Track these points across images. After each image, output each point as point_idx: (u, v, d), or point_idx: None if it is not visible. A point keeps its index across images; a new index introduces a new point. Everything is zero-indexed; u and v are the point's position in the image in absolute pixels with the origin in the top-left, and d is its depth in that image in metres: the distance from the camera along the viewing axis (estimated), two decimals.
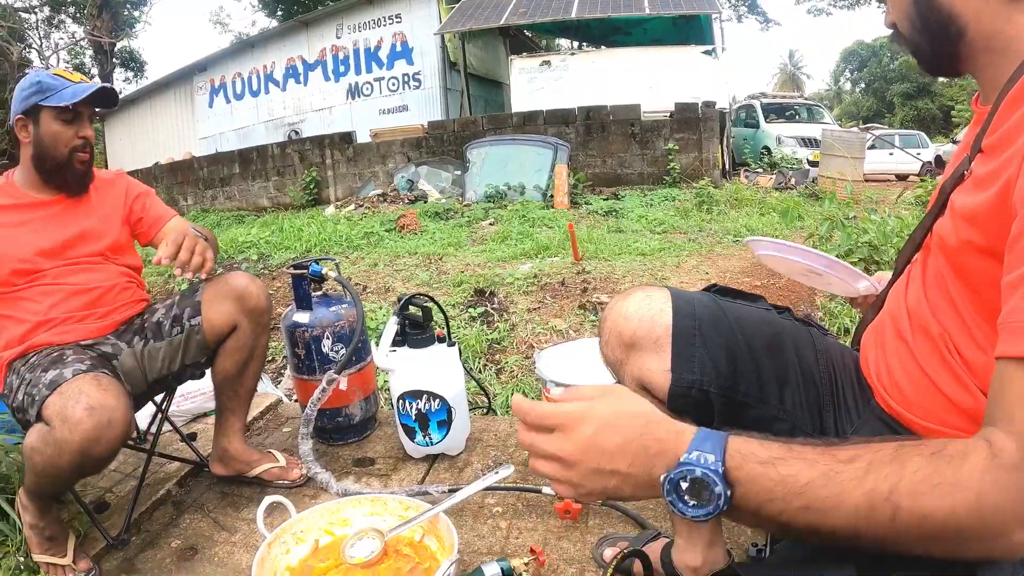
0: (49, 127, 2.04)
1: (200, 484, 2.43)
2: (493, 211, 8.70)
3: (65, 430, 1.63)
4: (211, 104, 18.05)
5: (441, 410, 2.21)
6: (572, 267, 5.49)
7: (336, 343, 2.41)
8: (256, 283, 2.18)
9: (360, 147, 12.14)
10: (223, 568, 1.92)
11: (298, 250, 7.50)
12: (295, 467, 2.32)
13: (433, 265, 6.14)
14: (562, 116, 10.78)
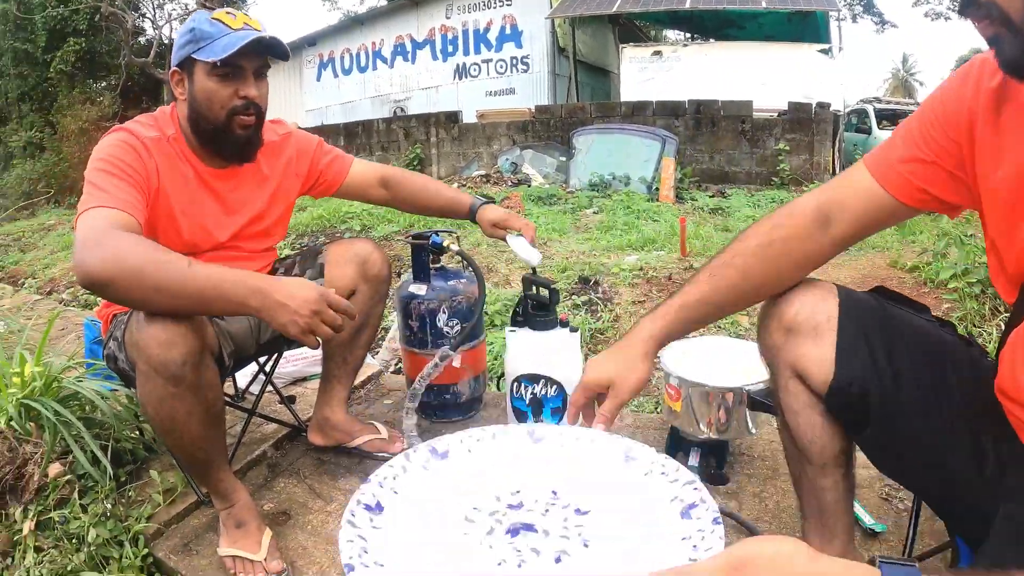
0: (203, 84, 1.75)
1: (296, 448, 2.44)
2: (597, 200, 8.59)
3: (141, 352, 1.54)
4: (319, 78, 18.40)
5: (557, 397, 2.16)
6: (679, 262, 5.37)
7: (452, 318, 2.39)
8: (380, 251, 2.16)
9: (466, 127, 12.19)
10: (316, 537, 1.92)
11: (400, 224, 7.55)
12: (397, 441, 2.30)
13: (538, 249, 6.01)
14: (672, 108, 10.58)
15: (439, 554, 0.94)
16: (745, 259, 1.28)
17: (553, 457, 1.13)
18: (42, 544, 1.88)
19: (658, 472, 1.03)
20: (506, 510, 1.02)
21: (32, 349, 2.46)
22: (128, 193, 1.61)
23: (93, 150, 1.70)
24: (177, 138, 1.84)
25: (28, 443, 2.13)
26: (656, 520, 0.95)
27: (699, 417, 1.97)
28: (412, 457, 1.10)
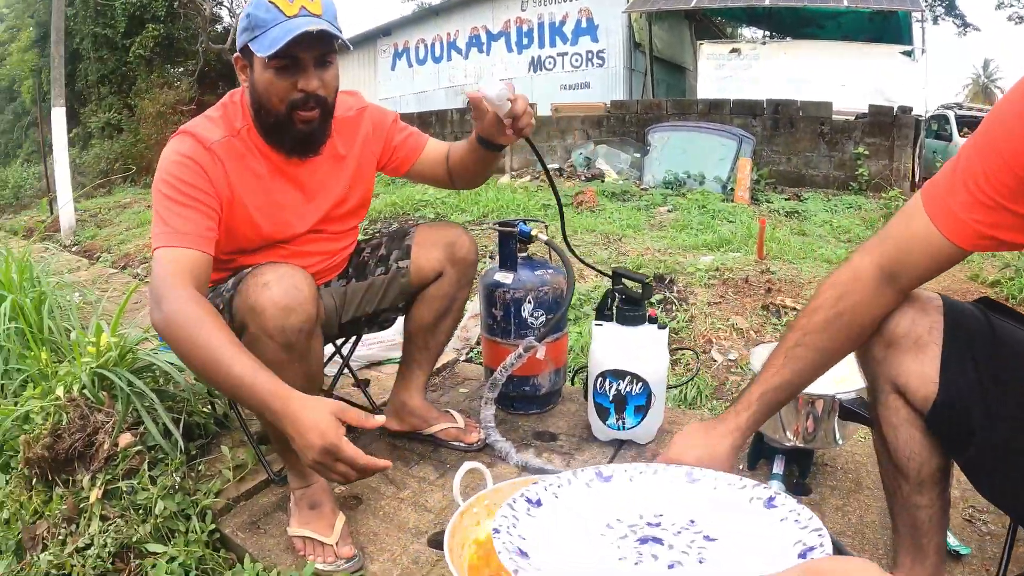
0: (261, 75, 1.64)
1: (369, 432, 2.39)
2: (671, 198, 8.45)
3: (257, 316, 1.52)
4: (393, 67, 18.55)
5: (642, 395, 2.08)
6: (755, 265, 5.22)
7: (537, 309, 2.31)
8: (469, 235, 2.11)
9: (540, 120, 12.05)
10: (387, 524, 1.87)
11: (475, 213, 7.56)
12: (473, 430, 2.25)
13: (612, 245, 6.01)
14: (749, 107, 10.34)
15: (574, 544, 1.05)
16: (816, 336, 1.24)
17: (704, 496, 1.17)
18: (108, 513, 1.87)
19: (792, 520, 1.04)
20: (644, 525, 1.10)
21: (108, 320, 2.47)
22: (193, 223, 1.59)
23: (160, 157, 1.67)
24: (248, 130, 1.76)
25: (100, 412, 2.13)
26: (773, 558, 0.97)
27: (786, 424, 1.87)
28: (579, 474, 1.20)
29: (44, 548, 1.81)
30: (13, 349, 2.82)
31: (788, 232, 6.90)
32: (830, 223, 7.48)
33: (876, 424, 1.34)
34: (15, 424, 2.20)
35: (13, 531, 1.92)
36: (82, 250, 8.64)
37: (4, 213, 16.79)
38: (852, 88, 11.08)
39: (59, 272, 4.77)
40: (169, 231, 1.56)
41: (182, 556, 1.77)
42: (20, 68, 24.91)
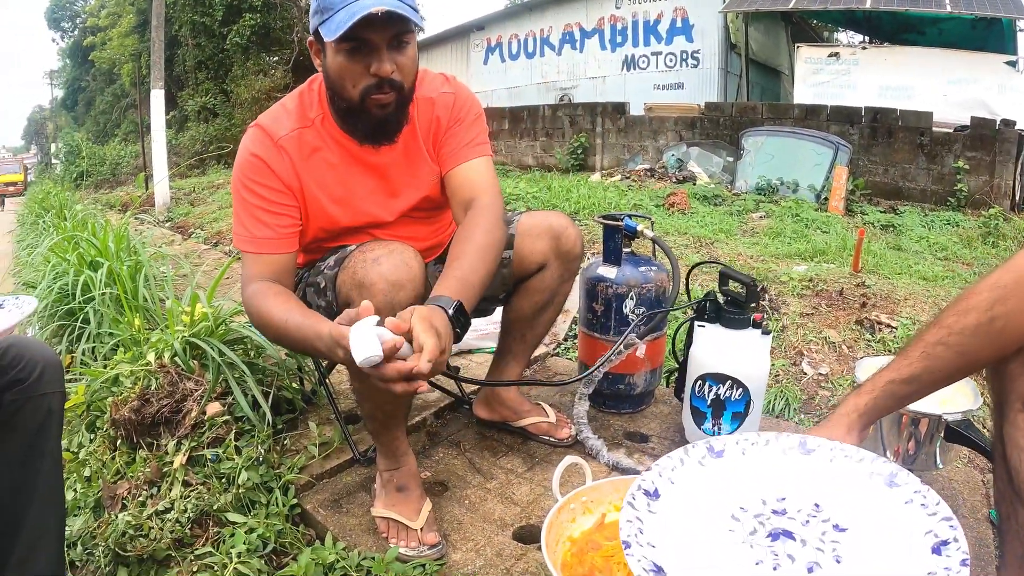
0: (332, 59, 1.55)
1: (457, 420, 2.38)
2: (764, 204, 8.24)
3: (365, 291, 1.48)
4: (486, 62, 18.57)
5: (741, 401, 1.98)
6: (850, 278, 5.03)
7: (639, 305, 2.24)
8: (575, 227, 2.03)
9: (632, 119, 11.93)
10: (472, 513, 1.83)
11: (566, 209, 7.48)
12: (565, 426, 2.19)
13: (704, 248, 5.89)
14: (847, 114, 9.98)
15: (704, 545, 1.01)
16: (963, 338, 1.16)
17: (820, 470, 1.14)
18: (190, 479, 1.88)
19: (919, 503, 1.02)
20: (770, 514, 1.06)
21: (201, 293, 2.50)
22: (268, 227, 1.65)
23: (237, 154, 1.70)
24: (323, 118, 1.71)
25: (189, 380, 2.15)
26: (908, 551, 0.95)
27: (887, 444, 1.77)
28: (690, 452, 1.17)
29: (123, 508, 1.82)
30: (107, 314, 2.89)
31: (884, 246, 6.66)
32: (927, 239, 7.18)
33: (997, 443, 1.23)
34: (104, 386, 2.23)
35: (94, 488, 1.94)
36: (175, 226, 8.91)
37: (101, 188, 17.51)
38: (953, 99, 10.61)
39: (154, 245, 4.89)
40: (248, 236, 1.65)
41: (261, 528, 1.76)
42: (120, 52, 25.98)
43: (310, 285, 1.79)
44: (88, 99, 34.53)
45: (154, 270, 3.41)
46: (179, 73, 21.84)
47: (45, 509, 1.41)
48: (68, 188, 14.68)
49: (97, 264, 3.23)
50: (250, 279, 1.61)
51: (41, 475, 1.40)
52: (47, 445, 1.41)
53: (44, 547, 1.40)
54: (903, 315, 4.01)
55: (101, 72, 30.59)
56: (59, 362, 1.44)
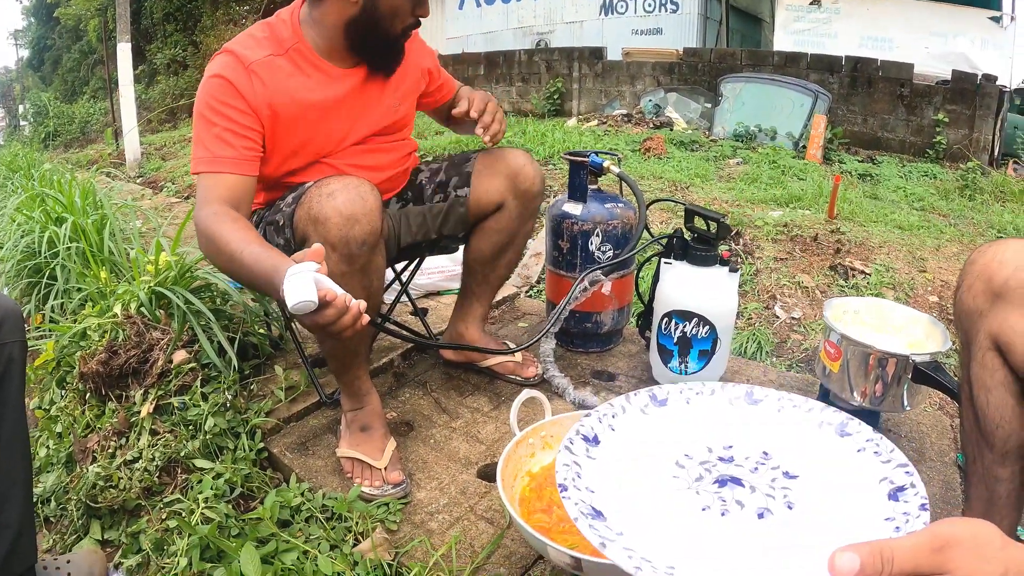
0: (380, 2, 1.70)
1: (424, 361, 2.38)
2: (741, 151, 8.20)
3: (320, 226, 1.48)
4: (461, 6, 18.25)
5: (708, 339, 1.98)
6: (825, 224, 5.04)
7: (605, 243, 2.23)
8: (534, 165, 2.00)
9: (609, 64, 11.80)
10: (437, 452, 1.84)
11: (541, 154, 7.43)
12: (531, 365, 2.19)
13: (679, 193, 5.88)
14: (827, 63, 9.91)
15: (647, 491, 0.97)
16: None
17: (768, 420, 1.11)
18: (158, 428, 1.88)
19: (872, 451, 0.99)
20: (716, 461, 1.03)
21: (166, 243, 2.47)
22: (231, 147, 1.63)
23: (200, 89, 1.69)
24: (298, 48, 1.75)
25: (156, 330, 2.13)
26: (863, 498, 0.93)
27: (854, 384, 1.78)
28: (632, 399, 1.14)
29: (93, 460, 1.82)
30: (73, 269, 2.85)
31: (860, 194, 6.67)
32: (904, 189, 7.20)
33: (965, 384, 1.24)
34: (72, 341, 2.21)
35: (65, 444, 1.94)
36: (146, 181, 8.79)
37: (71, 147, 17.23)
38: (935, 51, 10.56)
39: (123, 200, 4.82)
40: (208, 156, 1.62)
41: (228, 473, 1.76)
42: (86, 7, 25.32)
43: (269, 224, 1.78)
44: (55, 58, 33.77)
45: (121, 224, 3.36)
46: (147, 26, 21.37)
47: (11, 460, 1.39)
48: (37, 149, 14.45)
49: (63, 220, 3.18)
50: (207, 201, 1.57)
51: (4, 426, 1.37)
52: (9, 395, 1.38)
53: (12, 499, 1.38)
54: (877, 262, 4.03)
55: (67, 29, 29.88)
56: (19, 311, 1.41)
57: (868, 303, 2.02)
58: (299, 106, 1.73)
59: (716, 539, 0.87)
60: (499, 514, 1.59)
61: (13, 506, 1.38)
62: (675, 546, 0.85)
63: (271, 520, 1.58)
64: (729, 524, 0.90)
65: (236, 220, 1.52)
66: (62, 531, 1.75)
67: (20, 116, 30.96)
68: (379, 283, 1.66)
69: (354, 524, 1.57)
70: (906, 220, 5.65)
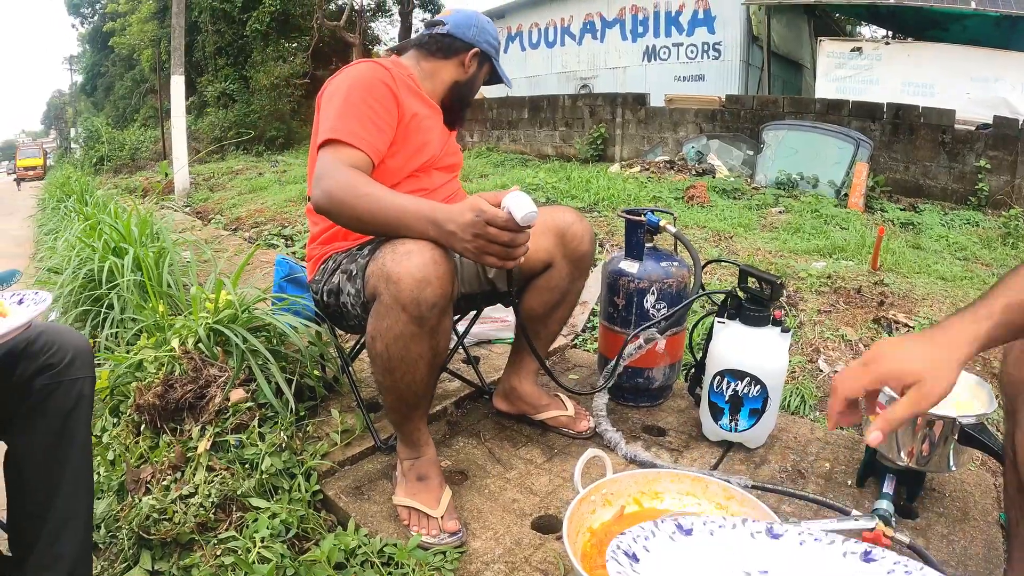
0: (481, 77, 2.20)
1: (477, 410, 2.40)
2: (783, 199, 8.20)
3: (392, 285, 1.51)
4: (506, 50, 18.50)
5: (759, 398, 1.99)
6: (868, 275, 5.01)
7: (660, 300, 2.25)
8: (583, 223, 2.01)
9: (652, 110, 11.88)
10: (492, 502, 1.84)
11: (585, 200, 7.46)
12: (583, 418, 2.20)
13: (723, 243, 5.88)
14: (869, 110, 9.88)
15: None
16: None
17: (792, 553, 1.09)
18: (214, 464, 1.90)
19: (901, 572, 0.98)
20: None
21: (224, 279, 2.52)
22: (370, 133, 1.79)
23: (342, 76, 1.88)
24: (415, 82, 2.07)
25: (213, 366, 2.17)
26: None
27: (901, 443, 1.77)
28: (660, 526, 1.12)
29: (147, 492, 1.84)
30: (131, 300, 2.91)
31: (903, 244, 6.61)
32: (946, 238, 7.11)
33: (1008, 449, 1.24)
34: (128, 371, 2.26)
35: (117, 472, 1.97)
36: (194, 211, 8.95)
37: (120, 172, 17.61)
38: (976, 96, 10.46)
39: (175, 230, 4.93)
40: (349, 130, 1.75)
41: (284, 513, 1.78)
42: (140, 38, 26.15)
43: (344, 272, 1.84)
44: (107, 84, 34.70)
45: (177, 256, 3.44)
46: (199, 59, 21.92)
47: (74, 493, 1.42)
48: (88, 173, 14.80)
49: (122, 251, 3.26)
50: (343, 162, 1.68)
51: (71, 459, 1.41)
52: (77, 429, 1.42)
53: (72, 530, 1.41)
54: (921, 315, 3.99)
55: (121, 58, 30.73)
56: (89, 348, 1.46)
57: None
58: (417, 121, 1.97)
59: None
60: (553, 566, 1.60)
61: (71, 538, 1.41)
62: None
63: (328, 563, 1.60)
64: None
65: (370, 179, 1.65)
66: (111, 559, 1.77)
67: (71, 139, 31.76)
68: (446, 343, 1.68)
69: (411, 571, 1.59)
70: (949, 271, 5.59)
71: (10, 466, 1.41)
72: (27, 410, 1.36)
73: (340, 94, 1.81)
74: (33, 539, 1.38)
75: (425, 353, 1.59)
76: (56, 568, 1.39)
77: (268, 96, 18.98)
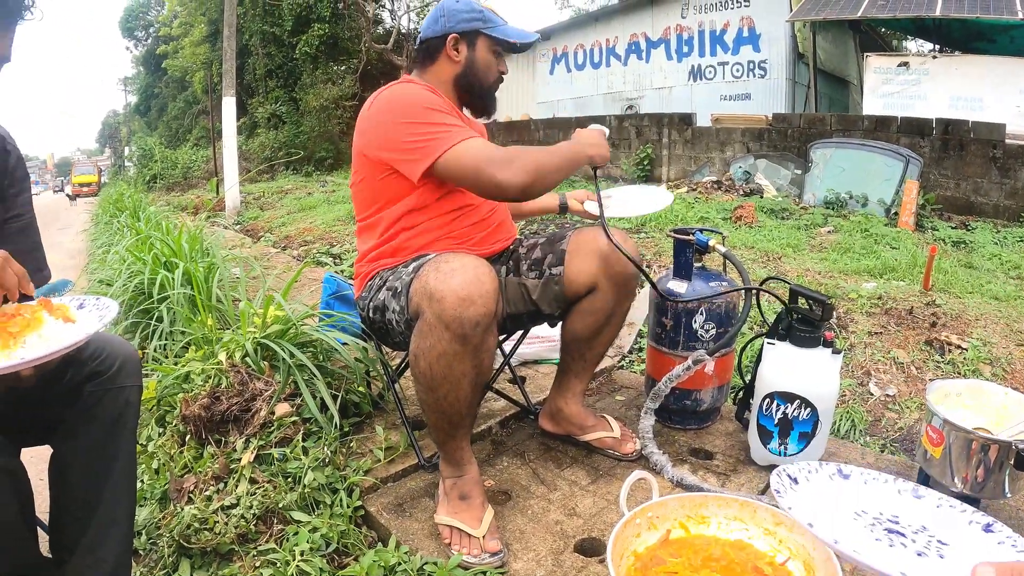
0: (483, 55, 2.09)
1: (522, 430, 2.38)
2: (832, 218, 8.06)
3: (435, 303, 1.53)
4: (552, 71, 18.55)
5: (808, 421, 1.95)
6: (920, 296, 4.89)
7: (708, 321, 2.21)
8: (628, 243, 2.01)
9: (699, 130, 11.79)
10: (535, 523, 1.82)
11: (633, 222, 7.40)
12: (629, 440, 2.18)
13: (772, 263, 5.78)
14: (918, 126, 9.67)
15: (833, 521, 1.24)
16: None
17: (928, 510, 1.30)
18: (257, 477, 1.92)
19: (1010, 544, 1.16)
20: (886, 520, 1.26)
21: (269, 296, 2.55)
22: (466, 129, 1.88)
23: (401, 96, 1.92)
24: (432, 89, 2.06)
25: (259, 380, 2.19)
26: None
27: (956, 470, 1.72)
28: (822, 468, 1.37)
29: (189, 501, 1.87)
30: (180, 313, 2.96)
31: (955, 263, 6.44)
32: (999, 256, 6.90)
33: None
34: (175, 382, 2.30)
35: (161, 481, 2.00)
36: (244, 229, 9.10)
37: (173, 190, 18.00)
38: None
39: (225, 247, 5.00)
40: (461, 131, 1.85)
41: (325, 528, 1.79)
42: (192, 61, 26.83)
43: (389, 289, 1.85)
44: (161, 105, 35.52)
45: (226, 271, 3.48)
46: (249, 81, 22.36)
47: (118, 498, 1.45)
48: (141, 190, 15.13)
49: (172, 264, 3.32)
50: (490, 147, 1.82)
51: (116, 465, 1.44)
52: (123, 437, 1.45)
53: (114, 534, 1.44)
54: (974, 336, 3.89)
55: (173, 79, 31.48)
56: (137, 357, 1.49)
57: (969, 385, 1.96)
58: None
59: (884, 559, 1.12)
60: None
61: (112, 544, 1.43)
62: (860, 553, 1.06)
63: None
64: (894, 553, 1.15)
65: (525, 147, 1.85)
66: (151, 565, 1.79)
67: (125, 157, 32.60)
68: (490, 362, 1.67)
69: None
70: (1002, 290, 5.44)
71: (55, 470, 1.43)
72: (74, 416, 1.39)
73: (415, 115, 1.85)
74: (75, 542, 1.41)
75: (468, 372, 1.59)
76: (97, 572, 1.41)
77: (317, 117, 19.28)
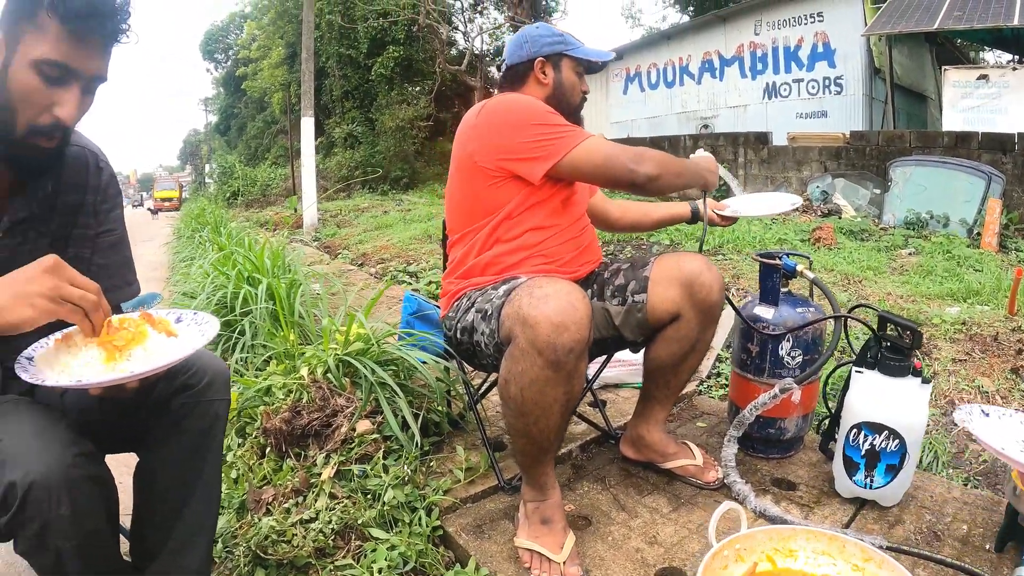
0: (568, 75, 2.18)
1: (603, 454, 2.37)
2: (913, 240, 7.84)
3: (528, 329, 1.52)
4: (625, 91, 18.48)
5: (896, 453, 1.89)
6: (1005, 321, 4.71)
7: (795, 348, 2.17)
8: (712, 272, 1.97)
9: (775, 149, 11.60)
10: (615, 550, 1.80)
11: (710, 243, 7.28)
12: (711, 468, 2.15)
13: (852, 287, 5.65)
14: (999, 142, 9.23)
15: None
16: None
17: None
18: (337, 492, 1.95)
19: None
20: None
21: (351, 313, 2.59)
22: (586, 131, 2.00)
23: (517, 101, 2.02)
24: None
25: (340, 396, 2.23)
26: None
27: None
28: (1013, 413, 1.65)
29: (267, 513, 1.91)
30: (263, 327, 3.03)
31: None
32: None
33: None
34: (256, 395, 2.36)
35: (239, 491, 2.05)
36: (322, 246, 9.28)
37: (251, 207, 18.48)
38: None
39: (304, 263, 5.11)
40: (582, 131, 1.97)
41: (403, 546, 1.80)
42: (270, 82, 27.57)
43: (479, 311, 1.85)
44: (240, 124, 36.49)
45: (308, 288, 3.55)
46: (326, 102, 22.85)
47: (202, 508, 1.49)
48: (222, 206, 15.58)
49: (255, 280, 3.41)
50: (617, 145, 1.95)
51: (203, 476, 1.48)
52: (210, 448, 1.49)
53: (196, 543, 1.48)
54: None
55: (252, 100, 32.32)
56: (227, 372, 1.53)
57: None
58: None
59: None
60: None
61: (196, 552, 1.48)
62: None
63: None
64: None
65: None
66: (226, 573, 1.83)
67: (206, 174, 33.62)
68: (580, 387, 1.66)
69: None
70: None
71: (141, 478, 1.48)
72: (163, 427, 1.43)
73: (534, 118, 1.95)
74: (157, 549, 1.45)
75: (560, 398, 1.58)
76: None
77: (393, 137, 19.59)
